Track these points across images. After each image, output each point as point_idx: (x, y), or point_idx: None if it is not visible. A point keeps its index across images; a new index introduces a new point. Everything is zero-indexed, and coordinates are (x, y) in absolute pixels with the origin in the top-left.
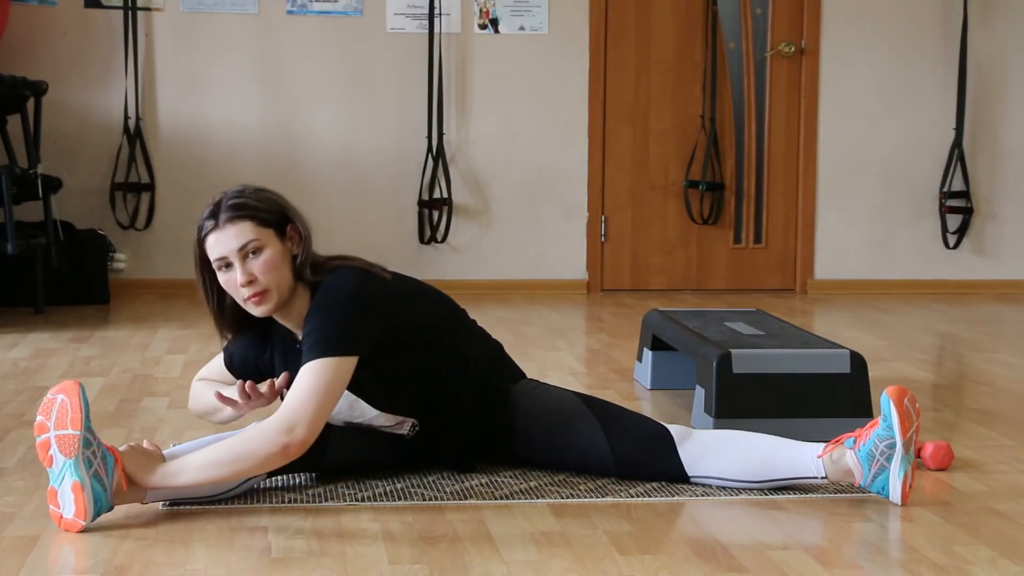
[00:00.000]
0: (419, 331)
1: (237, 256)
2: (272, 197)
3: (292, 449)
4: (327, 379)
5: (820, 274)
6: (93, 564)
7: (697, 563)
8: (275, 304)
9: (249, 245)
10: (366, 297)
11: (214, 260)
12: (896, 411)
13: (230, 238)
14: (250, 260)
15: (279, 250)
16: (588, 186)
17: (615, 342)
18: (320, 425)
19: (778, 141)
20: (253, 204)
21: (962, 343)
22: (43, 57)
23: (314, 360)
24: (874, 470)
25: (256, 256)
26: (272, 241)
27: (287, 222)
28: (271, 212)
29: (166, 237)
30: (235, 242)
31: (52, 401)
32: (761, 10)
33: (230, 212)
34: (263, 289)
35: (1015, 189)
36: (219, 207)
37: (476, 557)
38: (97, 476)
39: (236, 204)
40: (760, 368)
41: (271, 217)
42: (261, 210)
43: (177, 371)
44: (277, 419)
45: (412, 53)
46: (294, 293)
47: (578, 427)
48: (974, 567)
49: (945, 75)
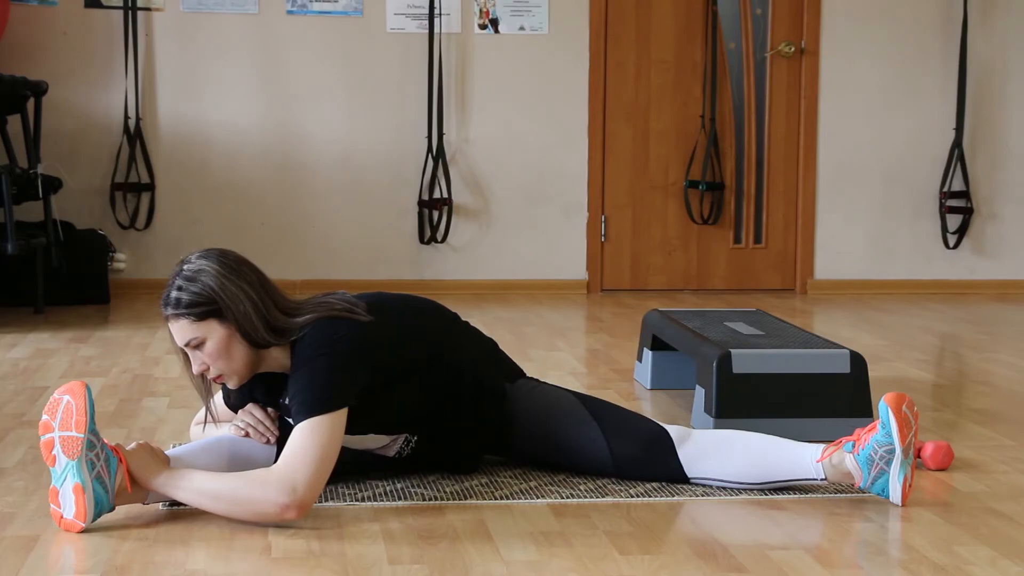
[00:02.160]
0: (409, 358)
1: (188, 351)
2: (207, 282)
3: (291, 512)
4: (321, 437)
5: (820, 274)
6: (93, 564)
7: (697, 563)
8: (240, 379)
9: (191, 342)
10: (345, 349)
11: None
12: (895, 418)
13: (175, 335)
14: (198, 351)
15: (223, 337)
16: (588, 186)
17: (615, 342)
18: (322, 483)
19: (778, 141)
20: (186, 300)
21: (962, 343)
22: (43, 57)
23: (305, 421)
24: (874, 474)
25: (201, 348)
26: (213, 331)
27: (225, 307)
28: (205, 304)
29: (166, 237)
30: (180, 339)
31: (58, 401)
32: (761, 10)
33: (168, 310)
34: (218, 374)
35: (1015, 189)
36: (166, 296)
37: (476, 557)
38: (99, 478)
39: (173, 301)
40: (760, 368)
41: (206, 309)
42: (194, 305)
43: (177, 371)
44: (279, 481)
45: (412, 53)
46: (268, 355)
47: (577, 428)
48: (974, 567)
49: (945, 75)
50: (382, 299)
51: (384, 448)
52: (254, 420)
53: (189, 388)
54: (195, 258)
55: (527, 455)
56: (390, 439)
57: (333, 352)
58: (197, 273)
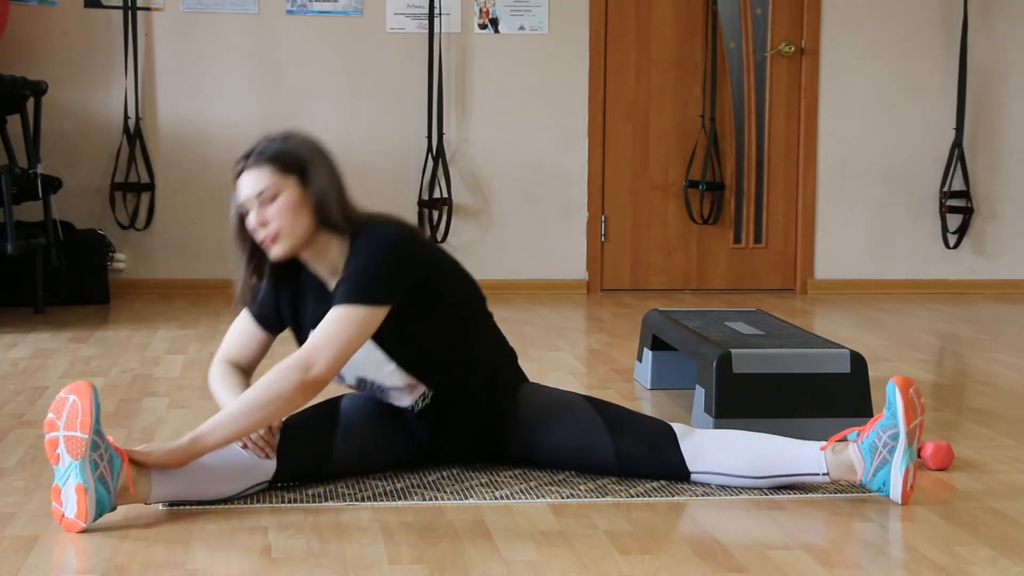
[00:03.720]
0: (447, 292)
1: (255, 202)
2: (301, 143)
3: (310, 387)
4: (355, 326)
5: (820, 274)
6: (93, 564)
7: (697, 563)
8: (289, 247)
9: (265, 192)
10: (405, 246)
11: (238, 205)
12: (901, 398)
13: (250, 184)
14: (266, 206)
15: (297, 195)
16: (588, 186)
17: (615, 342)
18: (338, 368)
19: (778, 141)
20: (275, 151)
21: (962, 343)
22: (43, 57)
23: (346, 305)
24: (876, 463)
25: (272, 202)
26: (290, 188)
27: (309, 171)
28: (294, 158)
29: (166, 237)
30: (253, 188)
31: (64, 400)
32: (761, 10)
33: (255, 156)
34: (275, 232)
35: (1015, 189)
36: (251, 151)
37: (476, 557)
38: (102, 479)
39: (259, 150)
40: (760, 368)
41: (293, 163)
42: (283, 156)
43: (177, 371)
44: (296, 358)
45: (412, 53)
46: (326, 241)
47: (580, 420)
48: (974, 567)
49: (945, 75)
50: (437, 244)
51: (401, 396)
52: (255, 435)
53: (189, 388)
54: (283, 130)
55: (530, 449)
56: (407, 383)
57: (391, 248)
58: (290, 136)
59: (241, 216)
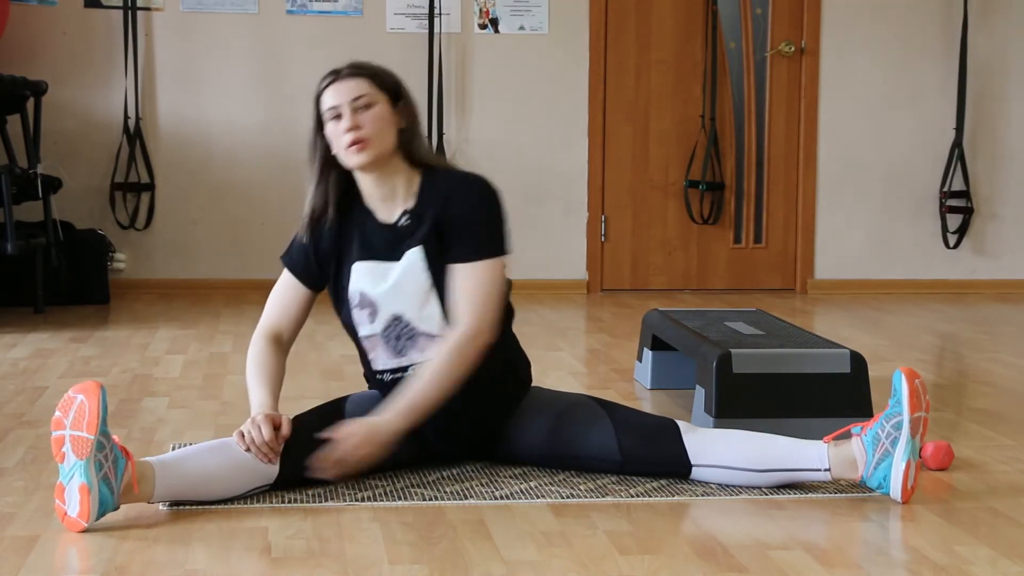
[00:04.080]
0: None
1: (348, 107)
2: (393, 73)
3: (484, 351)
4: (498, 278)
5: (820, 274)
6: (93, 564)
7: (697, 563)
8: (374, 156)
9: (362, 99)
10: (499, 196)
11: (326, 110)
12: (907, 386)
13: (346, 90)
14: (360, 112)
15: (389, 111)
16: (588, 186)
17: (615, 342)
18: (498, 321)
19: (778, 141)
20: (374, 67)
21: (962, 343)
22: (43, 57)
23: (482, 260)
24: (878, 455)
25: (366, 110)
26: (384, 102)
27: (401, 97)
28: (390, 80)
29: (166, 237)
30: (349, 94)
31: (72, 400)
32: (761, 10)
33: (352, 68)
34: (366, 137)
35: (1015, 189)
36: (342, 67)
37: (476, 557)
38: (106, 479)
39: (359, 64)
40: (760, 368)
41: (388, 84)
42: (381, 74)
43: (177, 371)
44: (464, 333)
45: (412, 53)
46: (395, 168)
47: (584, 415)
48: (974, 567)
49: (945, 75)
50: None
51: (426, 345)
52: (259, 440)
53: (189, 388)
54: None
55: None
56: (439, 332)
57: (494, 197)
58: (379, 66)
59: (320, 126)
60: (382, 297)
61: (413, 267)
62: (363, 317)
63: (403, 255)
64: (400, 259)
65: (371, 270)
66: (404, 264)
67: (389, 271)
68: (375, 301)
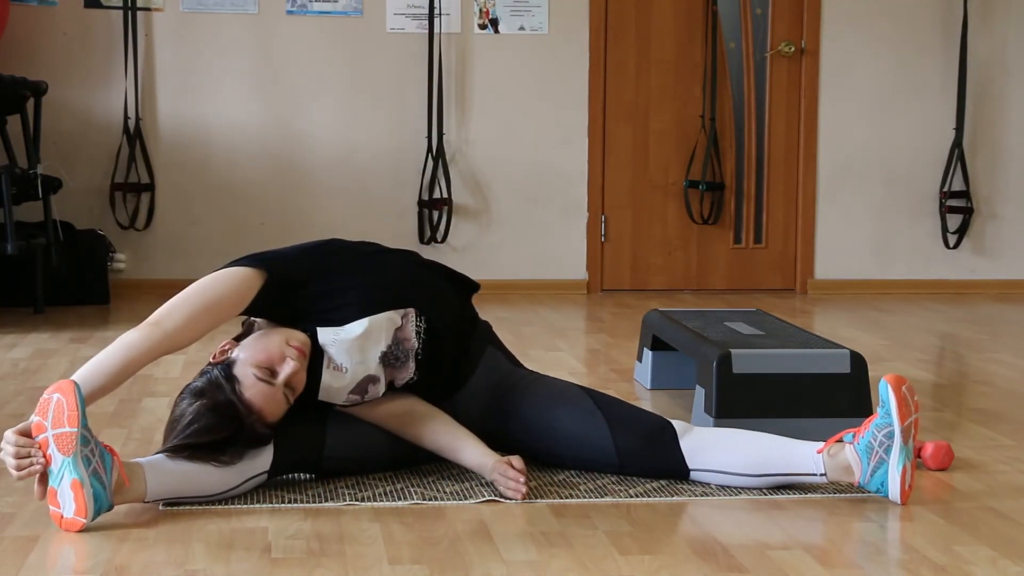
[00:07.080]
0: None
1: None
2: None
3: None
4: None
5: (820, 274)
6: (93, 564)
7: (697, 563)
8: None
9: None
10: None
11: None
12: (894, 396)
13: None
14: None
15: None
16: (588, 186)
17: (615, 342)
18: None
19: (778, 141)
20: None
21: (962, 343)
22: (43, 57)
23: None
24: (873, 463)
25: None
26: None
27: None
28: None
29: (166, 237)
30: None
31: (48, 401)
32: (761, 10)
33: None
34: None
35: (1015, 189)
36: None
37: (476, 557)
38: (96, 474)
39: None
40: (760, 368)
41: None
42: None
43: (177, 371)
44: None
45: (412, 53)
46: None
47: (581, 417)
48: (974, 567)
49: (945, 75)
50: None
51: (403, 332)
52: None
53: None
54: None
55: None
56: (402, 315)
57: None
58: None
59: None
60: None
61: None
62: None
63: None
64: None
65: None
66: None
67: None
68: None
